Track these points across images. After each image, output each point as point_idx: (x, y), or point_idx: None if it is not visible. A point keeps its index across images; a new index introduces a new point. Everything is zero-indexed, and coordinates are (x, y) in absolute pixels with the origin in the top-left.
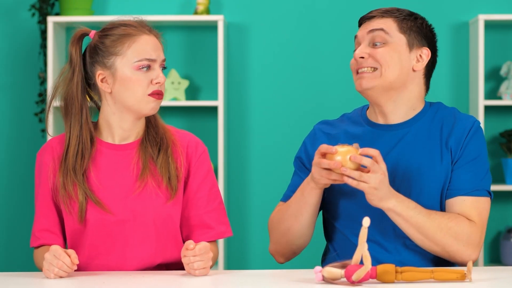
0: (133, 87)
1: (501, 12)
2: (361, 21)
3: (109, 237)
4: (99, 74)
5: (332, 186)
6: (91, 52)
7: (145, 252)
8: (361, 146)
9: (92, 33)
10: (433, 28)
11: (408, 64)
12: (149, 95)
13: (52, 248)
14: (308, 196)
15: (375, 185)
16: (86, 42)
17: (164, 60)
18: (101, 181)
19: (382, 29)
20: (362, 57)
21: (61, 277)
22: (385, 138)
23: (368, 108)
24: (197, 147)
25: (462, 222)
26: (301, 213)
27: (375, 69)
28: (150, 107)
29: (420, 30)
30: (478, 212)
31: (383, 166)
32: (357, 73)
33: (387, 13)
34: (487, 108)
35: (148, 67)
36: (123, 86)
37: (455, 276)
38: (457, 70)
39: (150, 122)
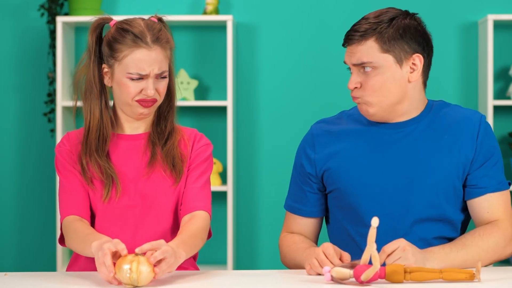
0: (125, 90)
1: (510, 12)
2: (344, 43)
3: (118, 221)
4: (104, 67)
5: (341, 192)
6: (105, 45)
7: (153, 238)
8: (363, 143)
9: (113, 22)
10: (422, 27)
11: (402, 79)
12: (136, 100)
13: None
14: None
15: (414, 261)
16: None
17: (163, 72)
18: (115, 167)
19: (363, 62)
20: (356, 87)
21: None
22: (388, 135)
23: None
24: (201, 140)
25: (493, 233)
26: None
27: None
28: (137, 111)
29: (402, 38)
30: (505, 207)
31: (398, 243)
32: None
33: (366, 32)
34: (496, 108)
35: (141, 78)
36: (117, 87)
37: (464, 276)
38: (466, 70)
39: (162, 116)
